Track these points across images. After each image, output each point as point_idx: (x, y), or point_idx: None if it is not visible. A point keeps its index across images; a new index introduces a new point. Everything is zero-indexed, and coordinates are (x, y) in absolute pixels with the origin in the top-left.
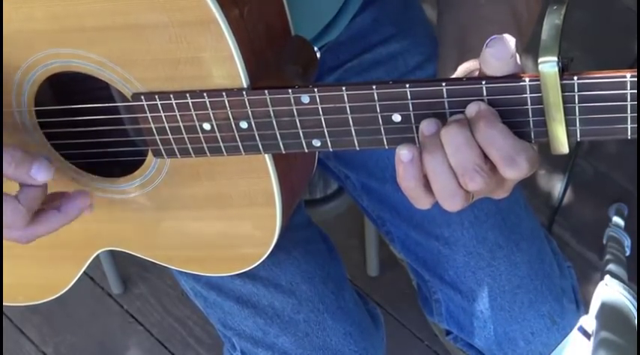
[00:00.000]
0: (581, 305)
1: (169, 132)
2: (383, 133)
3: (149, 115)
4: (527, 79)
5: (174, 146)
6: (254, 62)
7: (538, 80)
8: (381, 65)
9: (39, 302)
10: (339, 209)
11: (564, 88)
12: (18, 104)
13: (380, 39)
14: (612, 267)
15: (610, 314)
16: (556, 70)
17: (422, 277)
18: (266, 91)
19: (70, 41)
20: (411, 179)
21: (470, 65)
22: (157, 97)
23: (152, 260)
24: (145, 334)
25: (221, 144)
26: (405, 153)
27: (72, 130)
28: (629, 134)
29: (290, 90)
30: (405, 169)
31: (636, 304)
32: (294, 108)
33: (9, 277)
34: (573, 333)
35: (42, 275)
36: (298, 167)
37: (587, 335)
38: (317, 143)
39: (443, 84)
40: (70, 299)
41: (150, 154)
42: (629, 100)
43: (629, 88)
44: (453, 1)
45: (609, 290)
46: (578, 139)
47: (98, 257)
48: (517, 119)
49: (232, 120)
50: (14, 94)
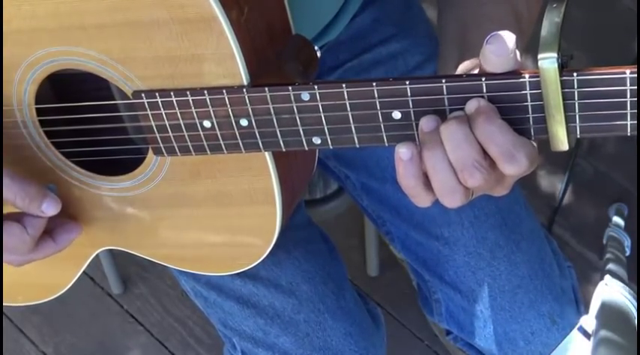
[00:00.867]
0: (581, 305)
1: (170, 129)
2: (383, 130)
3: (150, 113)
4: (526, 76)
5: (174, 144)
6: (254, 60)
7: (538, 76)
8: (381, 65)
9: (38, 302)
10: (339, 209)
11: (564, 85)
12: (19, 102)
13: (380, 39)
14: (612, 267)
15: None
16: (556, 66)
17: (422, 277)
18: (266, 89)
19: (71, 39)
20: (411, 177)
21: (470, 63)
22: (158, 95)
23: (151, 258)
24: (145, 334)
25: (221, 141)
26: (404, 151)
27: (72, 128)
28: (628, 131)
29: (290, 87)
30: (405, 167)
31: (636, 304)
32: (294, 105)
33: (8, 277)
34: (573, 333)
35: (41, 275)
36: (299, 166)
37: (587, 335)
38: (317, 140)
39: (443, 81)
40: (70, 299)
41: (150, 152)
42: (628, 97)
43: (628, 85)
44: (454, 0)
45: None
46: (578, 136)
47: (98, 257)
48: (517, 116)
49: (233, 117)
50: (15, 92)
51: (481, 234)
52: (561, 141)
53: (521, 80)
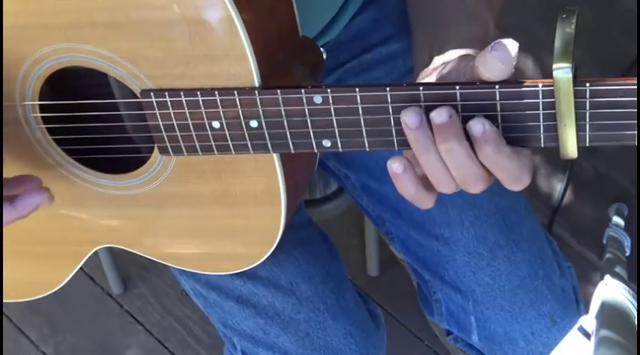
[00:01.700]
0: (581, 305)
1: (177, 129)
2: (394, 135)
3: (157, 112)
4: (540, 85)
5: (181, 143)
6: (265, 61)
7: (551, 86)
8: (381, 65)
9: (32, 298)
10: (339, 209)
11: (576, 94)
12: (22, 98)
13: (380, 39)
14: (612, 267)
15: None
16: (570, 76)
17: (422, 277)
18: (278, 91)
19: (80, 36)
20: (409, 186)
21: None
22: (167, 94)
23: (151, 257)
24: (145, 334)
25: (230, 142)
26: (397, 165)
27: (75, 126)
28: (636, 141)
29: (302, 90)
30: (402, 180)
31: (636, 304)
32: (305, 108)
33: (4, 272)
34: (573, 333)
35: (36, 271)
36: (302, 167)
37: (587, 335)
38: (327, 143)
39: (457, 87)
40: (70, 299)
41: (156, 151)
42: (637, 108)
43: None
44: None
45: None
46: (587, 144)
47: (98, 257)
48: (528, 123)
49: (242, 119)
50: (19, 88)
51: (481, 234)
52: (571, 149)
53: (534, 88)
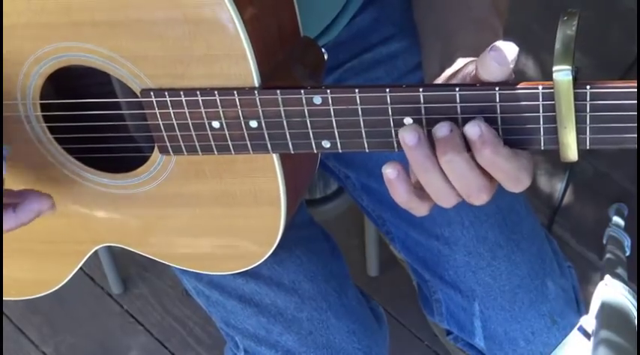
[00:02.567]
0: (581, 305)
1: (177, 128)
2: (394, 136)
3: (157, 112)
4: (540, 87)
5: (181, 143)
6: (265, 62)
7: (551, 88)
8: (381, 65)
9: (32, 296)
10: (339, 209)
11: (576, 97)
12: (23, 96)
13: (380, 39)
14: (612, 267)
15: (610, 314)
16: (570, 79)
17: (422, 277)
18: (278, 91)
19: (81, 35)
20: (402, 193)
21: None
22: (167, 94)
23: (152, 257)
24: (145, 334)
25: (229, 142)
26: (390, 171)
27: (76, 125)
28: (636, 143)
29: (302, 90)
30: (395, 186)
31: (636, 304)
32: (305, 108)
33: (4, 270)
34: (573, 333)
35: (37, 269)
36: (302, 167)
37: (587, 335)
38: (327, 144)
39: (456, 89)
40: (70, 299)
41: (156, 150)
42: (637, 110)
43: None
44: None
45: (609, 290)
46: (587, 147)
47: (98, 257)
48: (528, 126)
49: (242, 119)
50: (20, 86)
51: (481, 234)
52: (571, 151)
53: (534, 91)
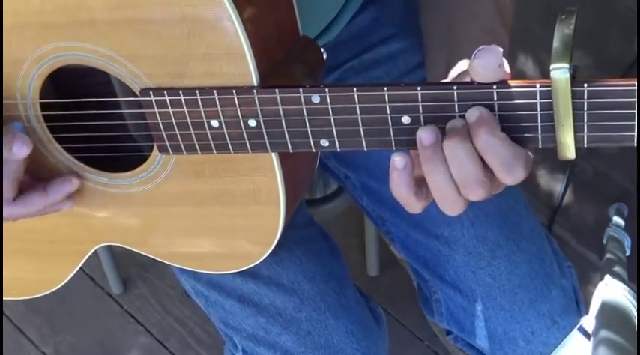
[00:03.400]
0: (581, 305)
1: (176, 128)
2: (392, 135)
3: (157, 111)
4: (537, 85)
5: (180, 142)
6: (264, 61)
7: (549, 86)
8: (381, 65)
9: (33, 296)
10: (339, 209)
11: (574, 95)
12: (23, 96)
13: (380, 39)
14: (612, 267)
15: (610, 314)
16: (567, 77)
17: (422, 277)
18: (276, 90)
19: (80, 34)
20: (403, 186)
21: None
22: (166, 93)
23: (152, 256)
24: (145, 334)
25: (228, 141)
26: (399, 159)
27: (76, 124)
28: (635, 141)
29: (301, 89)
30: (399, 176)
31: (636, 304)
32: (303, 107)
33: (5, 270)
34: (573, 333)
35: (38, 269)
36: (302, 167)
37: (587, 335)
38: (325, 143)
39: (454, 87)
40: (70, 299)
41: (155, 149)
42: (637, 109)
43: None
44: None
45: (609, 290)
46: (585, 145)
47: (98, 257)
48: (526, 124)
49: (241, 118)
50: (19, 86)
51: (481, 234)
52: (569, 150)
53: (531, 89)
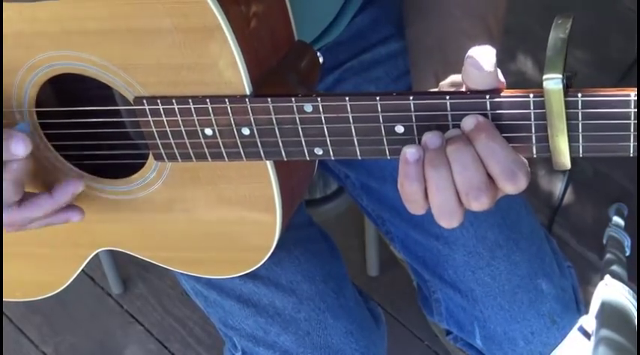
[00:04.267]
0: (581, 305)
1: (171, 136)
2: (385, 144)
3: (151, 119)
4: (531, 95)
5: (175, 150)
6: (257, 69)
7: (542, 96)
8: (381, 65)
9: (36, 298)
10: (339, 209)
11: (568, 105)
12: (19, 105)
13: (379, 39)
14: (612, 267)
15: (610, 314)
16: (560, 87)
17: (422, 277)
18: (269, 99)
19: (73, 44)
20: (414, 181)
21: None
22: (159, 102)
23: (151, 261)
24: (145, 334)
25: (223, 149)
26: (413, 152)
27: (73, 132)
28: (631, 152)
29: (293, 98)
30: (410, 169)
31: (636, 304)
32: (296, 116)
33: (8, 273)
34: (573, 333)
35: (40, 272)
36: (299, 171)
37: (587, 335)
38: (319, 151)
39: (447, 97)
40: (70, 299)
41: (151, 157)
42: (632, 119)
43: (632, 107)
44: (426, 12)
45: (609, 290)
46: (580, 155)
47: (98, 257)
48: (520, 134)
49: (234, 126)
50: (15, 95)
51: (481, 234)
52: (564, 159)
53: (525, 99)
